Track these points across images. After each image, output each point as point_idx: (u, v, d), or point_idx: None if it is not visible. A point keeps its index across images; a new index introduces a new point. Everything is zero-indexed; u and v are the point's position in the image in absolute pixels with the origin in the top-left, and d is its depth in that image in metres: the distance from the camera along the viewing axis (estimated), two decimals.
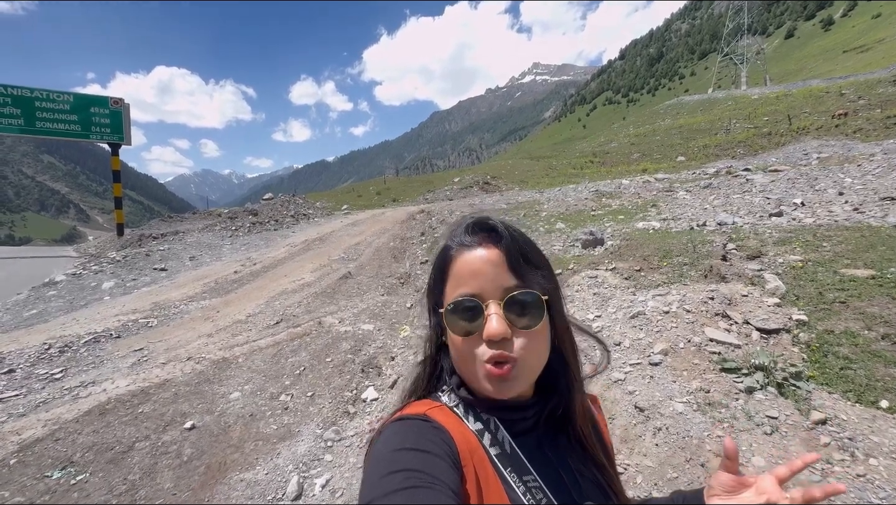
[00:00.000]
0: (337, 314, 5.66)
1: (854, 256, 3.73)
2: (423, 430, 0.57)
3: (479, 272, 0.61)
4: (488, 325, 0.58)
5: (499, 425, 0.62)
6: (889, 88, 22.70)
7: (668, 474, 2.13)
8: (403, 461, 0.51)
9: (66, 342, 4.92)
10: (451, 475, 0.52)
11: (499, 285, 0.60)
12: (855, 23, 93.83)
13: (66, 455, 2.87)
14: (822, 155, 11.97)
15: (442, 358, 0.70)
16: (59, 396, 3.72)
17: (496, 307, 0.59)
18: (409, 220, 11.90)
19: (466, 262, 0.62)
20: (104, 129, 15.04)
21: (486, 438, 0.61)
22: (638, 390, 2.65)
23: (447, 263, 0.65)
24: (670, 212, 7.65)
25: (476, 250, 0.62)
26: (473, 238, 0.63)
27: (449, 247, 0.66)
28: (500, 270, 0.61)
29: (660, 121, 38.07)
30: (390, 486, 0.47)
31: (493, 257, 0.61)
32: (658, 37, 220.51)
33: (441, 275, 0.66)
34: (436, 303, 0.67)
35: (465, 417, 0.63)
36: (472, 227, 0.65)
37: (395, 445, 0.54)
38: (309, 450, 2.97)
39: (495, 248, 0.62)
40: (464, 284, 0.61)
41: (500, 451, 0.60)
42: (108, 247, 12.65)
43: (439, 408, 0.64)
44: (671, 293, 3.63)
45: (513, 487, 0.57)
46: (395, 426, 0.58)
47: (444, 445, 0.55)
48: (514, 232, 0.64)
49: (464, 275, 0.62)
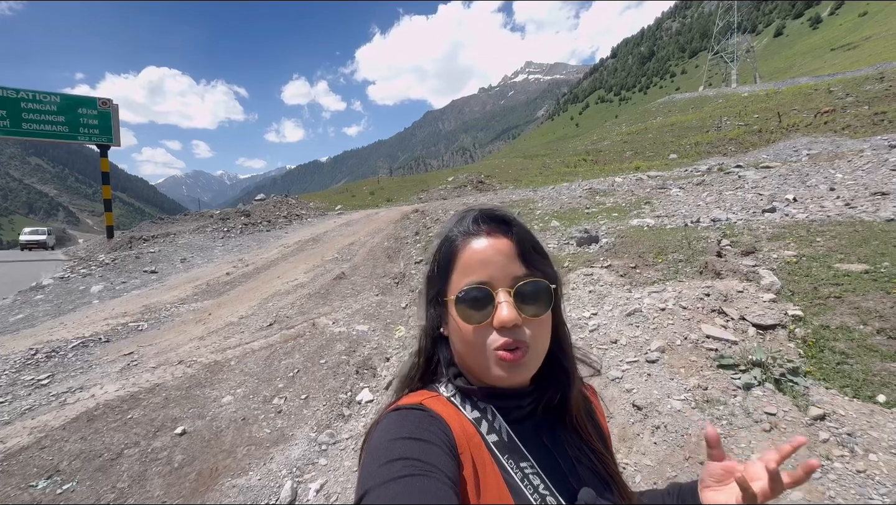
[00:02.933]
0: (331, 315, 5.60)
1: (847, 250, 3.74)
2: (419, 419, 0.57)
3: (489, 261, 0.61)
4: (499, 312, 0.58)
5: (496, 413, 0.63)
6: (876, 86, 22.98)
7: (667, 473, 2.11)
8: (400, 450, 0.51)
9: (53, 347, 4.81)
10: (449, 463, 0.52)
11: (508, 273, 0.60)
12: (842, 21, 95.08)
13: (52, 464, 2.79)
14: (811, 151, 12.08)
15: (438, 350, 0.69)
16: (45, 403, 3.63)
17: (506, 295, 0.59)
18: (403, 219, 11.84)
19: (475, 250, 0.62)
20: (92, 131, 14.82)
21: (484, 426, 0.61)
22: (636, 388, 2.63)
23: (453, 253, 0.64)
24: (664, 209, 7.67)
25: (485, 239, 0.62)
26: (482, 228, 0.63)
27: (454, 236, 0.65)
28: (510, 258, 0.61)
29: (652, 119, 38.30)
30: (388, 474, 0.48)
31: (503, 246, 0.61)
32: (649, 35, 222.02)
33: (446, 264, 0.65)
34: (437, 294, 0.67)
35: (462, 405, 0.63)
36: (481, 218, 0.65)
37: (391, 435, 0.54)
38: (303, 454, 2.91)
39: (505, 237, 0.62)
40: (472, 273, 0.61)
41: (498, 438, 0.61)
42: (98, 250, 12.47)
43: (435, 397, 0.64)
44: (667, 290, 3.62)
45: (510, 474, 0.58)
46: (391, 416, 0.58)
47: (441, 434, 0.56)
48: (520, 222, 0.65)
49: (472, 263, 0.61)
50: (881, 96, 20.20)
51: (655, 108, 44.85)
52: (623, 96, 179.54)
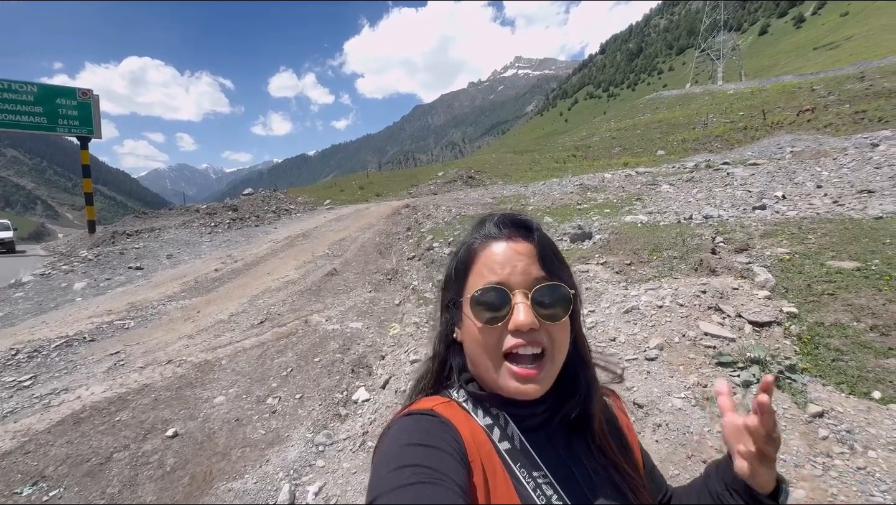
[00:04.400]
0: (323, 312, 5.52)
1: (839, 248, 3.79)
2: (430, 425, 0.57)
3: (508, 262, 0.60)
4: (515, 314, 0.57)
5: (508, 421, 0.62)
6: (857, 85, 23.48)
7: (669, 472, 2.11)
8: (411, 457, 0.51)
9: (35, 347, 4.65)
10: (459, 471, 0.52)
11: (528, 276, 0.59)
12: (824, 21, 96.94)
13: (37, 469, 2.69)
14: (795, 149, 12.30)
15: (451, 356, 0.69)
16: (28, 406, 3.51)
17: (523, 297, 0.58)
18: (394, 214, 11.75)
19: (494, 252, 0.61)
20: (72, 122, 14.37)
21: (496, 433, 0.61)
22: (636, 386, 2.63)
23: (471, 256, 0.64)
24: (655, 205, 7.73)
25: (505, 242, 0.62)
26: (504, 231, 0.63)
27: (473, 240, 0.65)
28: (530, 261, 0.60)
29: (640, 115, 38.63)
30: (398, 481, 0.48)
31: (523, 249, 0.61)
32: (637, 32, 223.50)
33: (464, 268, 0.64)
34: (452, 298, 0.66)
35: (474, 412, 0.63)
36: (503, 222, 0.64)
37: (402, 441, 0.54)
38: (300, 455, 2.86)
39: (525, 241, 0.62)
40: (491, 273, 0.60)
41: (510, 446, 0.60)
42: (80, 245, 12.13)
43: (447, 403, 0.63)
44: (663, 287, 3.63)
45: (522, 483, 0.57)
46: (403, 422, 0.58)
47: (452, 441, 0.55)
48: (541, 228, 0.64)
49: (491, 264, 0.61)
50: (861, 95, 20.65)
51: (643, 104, 45.27)
52: (611, 92, 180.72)
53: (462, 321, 0.64)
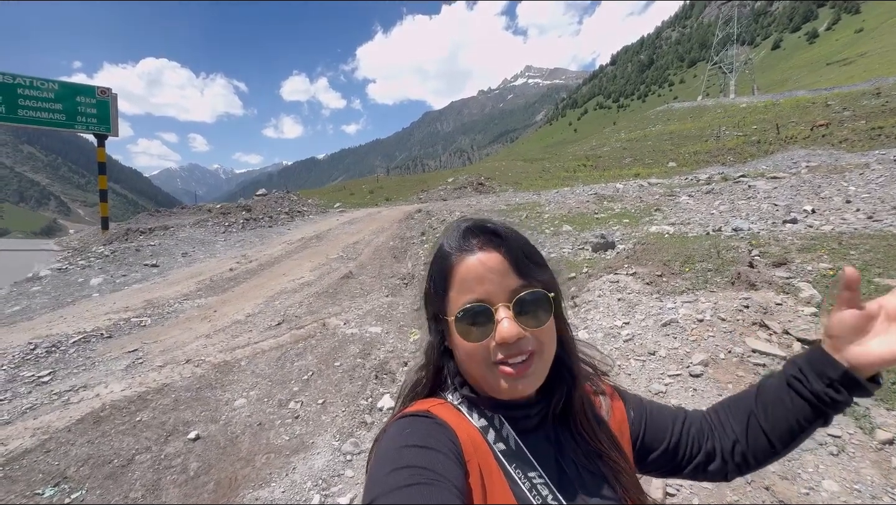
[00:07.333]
0: (341, 315, 5.44)
1: (885, 264, 3.65)
2: (427, 427, 0.57)
3: (485, 277, 0.59)
4: (500, 329, 0.57)
5: (503, 422, 0.62)
6: (872, 101, 23.23)
7: (727, 498, 1.99)
8: (408, 458, 0.51)
9: (53, 342, 4.60)
10: (456, 472, 0.52)
11: (505, 288, 0.59)
12: (838, 36, 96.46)
13: (58, 469, 2.61)
14: (810, 164, 12.10)
15: (445, 362, 0.68)
16: (47, 402, 3.44)
17: (505, 311, 0.58)
18: (408, 219, 11.69)
19: (469, 268, 0.60)
20: (90, 120, 14.49)
21: (491, 435, 0.61)
22: (682, 404, 2.50)
23: (448, 271, 0.62)
24: (676, 216, 7.59)
25: (478, 255, 0.60)
26: (473, 242, 0.61)
27: (448, 253, 0.63)
28: (505, 272, 0.59)
29: (650, 126, 38.46)
30: (395, 483, 0.48)
31: (495, 261, 0.60)
32: (649, 44, 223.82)
33: (443, 282, 0.63)
34: (437, 311, 0.65)
35: (469, 414, 0.63)
36: (470, 231, 0.63)
37: (399, 443, 0.54)
38: (327, 464, 2.75)
39: (496, 251, 0.60)
40: (469, 291, 0.59)
41: (506, 447, 0.60)
42: (93, 241, 12.17)
43: (443, 405, 0.64)
44: (700, 300, 3.51)
45: (518, 484, 0.57)
46: (399, 423, 0.58)
47: (448, 442, 0.55)
48: (512, 232, 0.63)
49: (468, 281, 0.60)
50: (878, 111, 20.41)
51: (654, 115, 45.08)
52: (622, 103, 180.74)
53: (450, 334, 0.63)
